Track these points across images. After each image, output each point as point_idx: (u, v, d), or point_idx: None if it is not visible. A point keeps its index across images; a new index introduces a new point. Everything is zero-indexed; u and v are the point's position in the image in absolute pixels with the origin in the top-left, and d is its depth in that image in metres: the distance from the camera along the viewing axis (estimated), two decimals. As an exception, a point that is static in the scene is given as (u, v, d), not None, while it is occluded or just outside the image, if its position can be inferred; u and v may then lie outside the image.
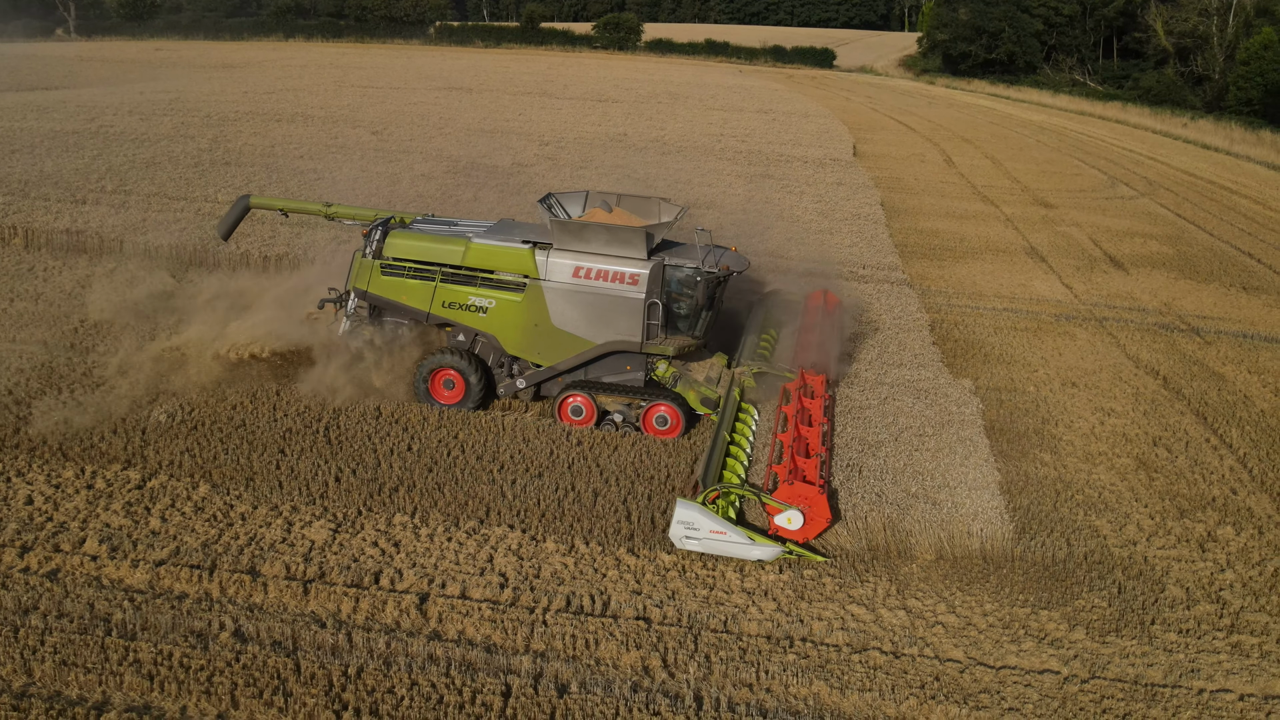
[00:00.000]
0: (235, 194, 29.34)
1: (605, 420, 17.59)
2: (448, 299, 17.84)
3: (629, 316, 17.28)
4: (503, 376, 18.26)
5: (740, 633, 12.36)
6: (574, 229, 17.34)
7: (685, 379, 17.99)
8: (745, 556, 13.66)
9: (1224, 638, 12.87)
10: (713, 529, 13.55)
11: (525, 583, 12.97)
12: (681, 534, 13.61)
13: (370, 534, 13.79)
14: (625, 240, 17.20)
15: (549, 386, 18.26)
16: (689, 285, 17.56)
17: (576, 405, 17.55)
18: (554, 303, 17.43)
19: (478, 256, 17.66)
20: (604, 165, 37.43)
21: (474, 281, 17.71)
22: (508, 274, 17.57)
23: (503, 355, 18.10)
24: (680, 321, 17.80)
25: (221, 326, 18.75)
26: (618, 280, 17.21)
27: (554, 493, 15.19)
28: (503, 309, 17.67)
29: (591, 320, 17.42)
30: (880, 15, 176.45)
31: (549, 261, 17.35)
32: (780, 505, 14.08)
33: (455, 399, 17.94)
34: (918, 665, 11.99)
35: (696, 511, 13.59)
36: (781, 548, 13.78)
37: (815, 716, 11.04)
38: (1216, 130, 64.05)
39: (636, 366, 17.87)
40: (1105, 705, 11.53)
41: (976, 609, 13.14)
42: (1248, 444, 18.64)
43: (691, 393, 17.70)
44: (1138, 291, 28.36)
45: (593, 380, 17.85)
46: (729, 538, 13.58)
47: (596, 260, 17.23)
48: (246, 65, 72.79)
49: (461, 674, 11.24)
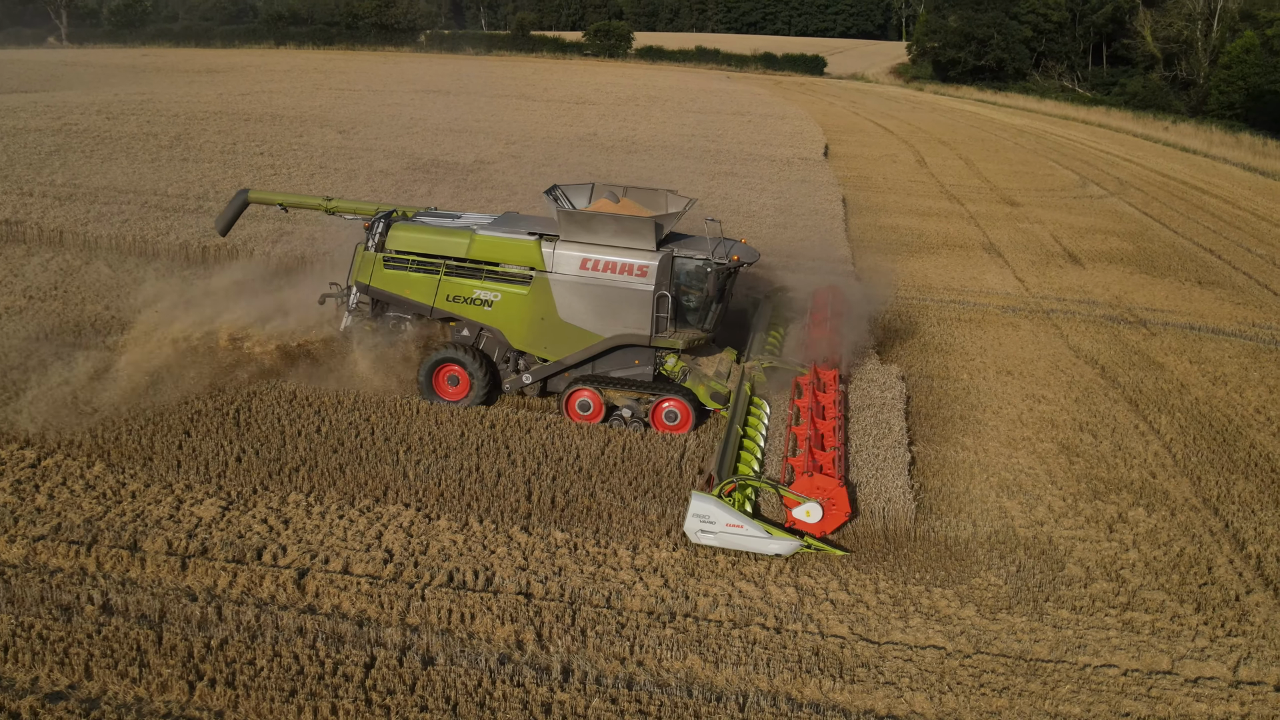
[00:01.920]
0: (186, 189, 29.32)
1: (614, 415, 17.13)
2: (452, 292, 17.41)
3: (637, 309, 16.84)
4: (508, 372, 17.85)
5: (622, 608, 12.22)
6: (581, 220, 16.89)
7: (695, 373, 17.48)
8: (762, 551, 13.28)
9: (1117, 615, 12.71)
10: (729, 522, 13.17)
11: (410, 558, 12.84)
12: (696, 528, 13.25)
13: (261, 512, 13.66)
14: (634, 231, 16.74)
15: (556, 382, 17.84)
16: (699, 277, 17.08)
17: (584, 401, 17.18)
18: (561, 295, 17.01)
19: (483, 249, 17.24)
20: (567, 163, 37.38)
21: (479, 274, 17.31)
22: (513, 266, 17.18)
23: (508, 350, 17.71)
24: (689, 315, 17.33)
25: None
26: (626, 272, 16.78)
27: (457, 473, 15.07)
28: (508, 302, 17.25)
29: (599, 313, 16.98)
30: (878, 25, 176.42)
31: (556, 253, 16.94)
32: (799, 498, 13.68)
33: (459, 395, 17.52)
34: (798, 640, 11.84)
35: (713, 504, 13.22)
36: (799, 541, 13.40)
37: (684, 689, 10.89)
38: (1197, 133, 63.97)
39: (645, 361, 17.43)
40: (984, 680, 11.38)
41: (870, 586, 12.99)
42: (1175, 430, 18.49)
43: (701, 387, 17.24)
44: (1091, 285, 28.22)
45: (600, 375, 17.46)
46: (746, 531, 13.20)
47: (604, 252, 16.78)
48: (230, 70, 72.88)
49: (327, 646, 11.11)
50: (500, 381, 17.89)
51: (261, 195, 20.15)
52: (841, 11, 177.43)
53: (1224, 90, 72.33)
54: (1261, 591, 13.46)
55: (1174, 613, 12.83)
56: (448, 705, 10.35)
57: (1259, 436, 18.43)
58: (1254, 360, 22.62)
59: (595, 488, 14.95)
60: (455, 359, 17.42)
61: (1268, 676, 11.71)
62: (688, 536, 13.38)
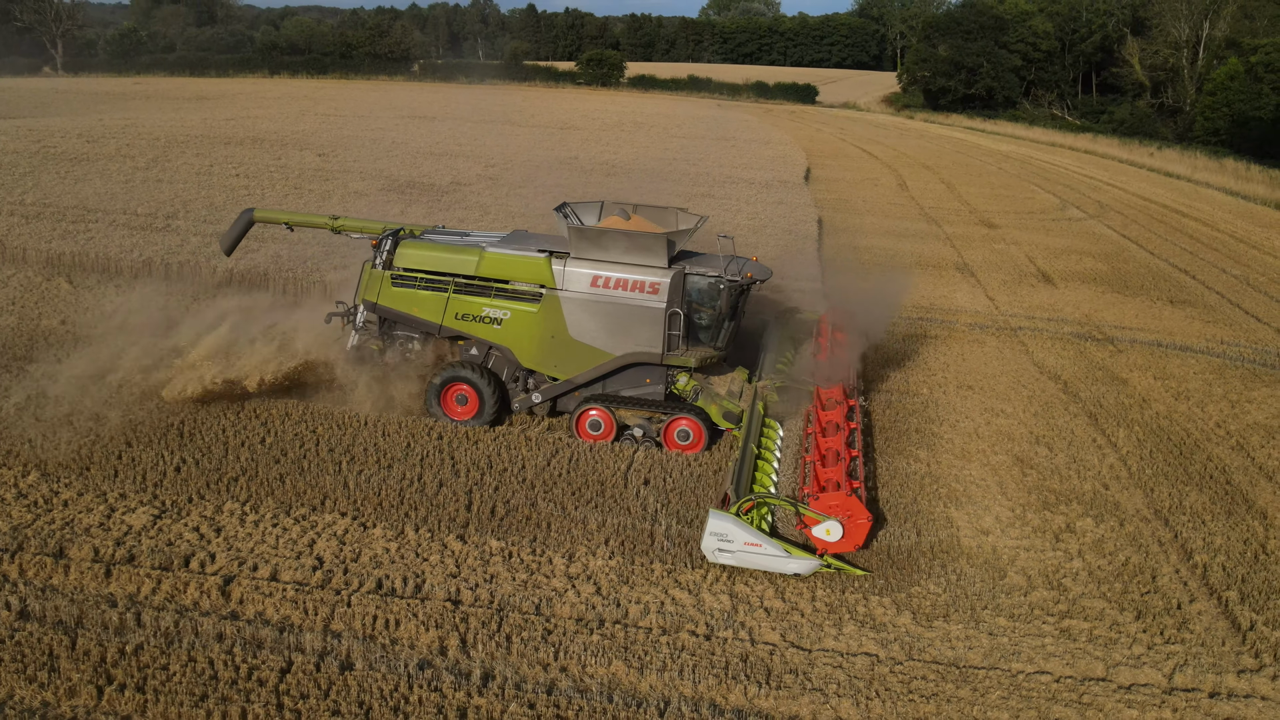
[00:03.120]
0: (157, 208, 29.33)
1: (625, 435, 16.84)
2: (461, 310, 17.17)
3: (649, 327, 16.59)
4: (517, 391, 17.58)
5: (550, 615, 12.07)
6: (593, 236, 16.62)
7: (707, 392, 17.18)
8: (781, 570, 13.01)
9: (1055, 623, 12.56)
10: (747, 541, 12.91)
11: (340, 566, 12.70)
12: (714, 546, 12.98)
13: (194, 520, 13.52)
14: (646, 247, 16.47)
15: (566, 401, 17.56)
16: (711, 294, 16.81)
17: (595, 420, 16.85)
18: (571, 313, 16.78)
19: (492, 266, 17.02)
20: (544, 185, 37.45)
21: (488, 292, 17.08)
22: (523, 284, 16.94)
23: (518, 369, 17.41)
24: (702, 332, 17.07)
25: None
26: (638, 289, 16.53)
27: (399, 483, 14.94)
28: (518, 320, 17.01)
29: (610, 331, 16.74)
30: (873, 56, 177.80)
31: (566, 271, 16.71)
32: (819, 516, 13.42)
33: (469, 414, 17.18)
34: (728, 647, 11.67)
35: (730, 523, 12.96)
36: (819, 561, 13.16)
37: (604, 694, 10.71)
38: (1181, 159, 64.22)
39: (656, 379, 17.15)
40: (913, 686, 11.21)
41: (806, 595, 12.85)
42: (1133, 444, 18.38)
43: (714, 406, 16.91)
44: (1061, 304, 28.20)
45: (611, 394, 17.15)
46: (764, 550, 12.95)
47: (616, 269, 16.54)
48: (220, 97, 73.26)
49: (244, 651, 10.94)
50: (509, 401, 17.58)
51: (267, 214, 19.84)
52: (837, 43, 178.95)
53: (1209, 116, 72.68)
54: (1205, 600, 13.31)
55: (1113, 621, 12.68)
56: (361, 710, 10.18)
57: (1217, 450, 18.32)
58: (1218, 376, 22.55)
59: (537, 498, 14.83)
60: (464, 378, 17.11)
61: (1203, 684, 11.54)
62: (705, 555, 13.10)
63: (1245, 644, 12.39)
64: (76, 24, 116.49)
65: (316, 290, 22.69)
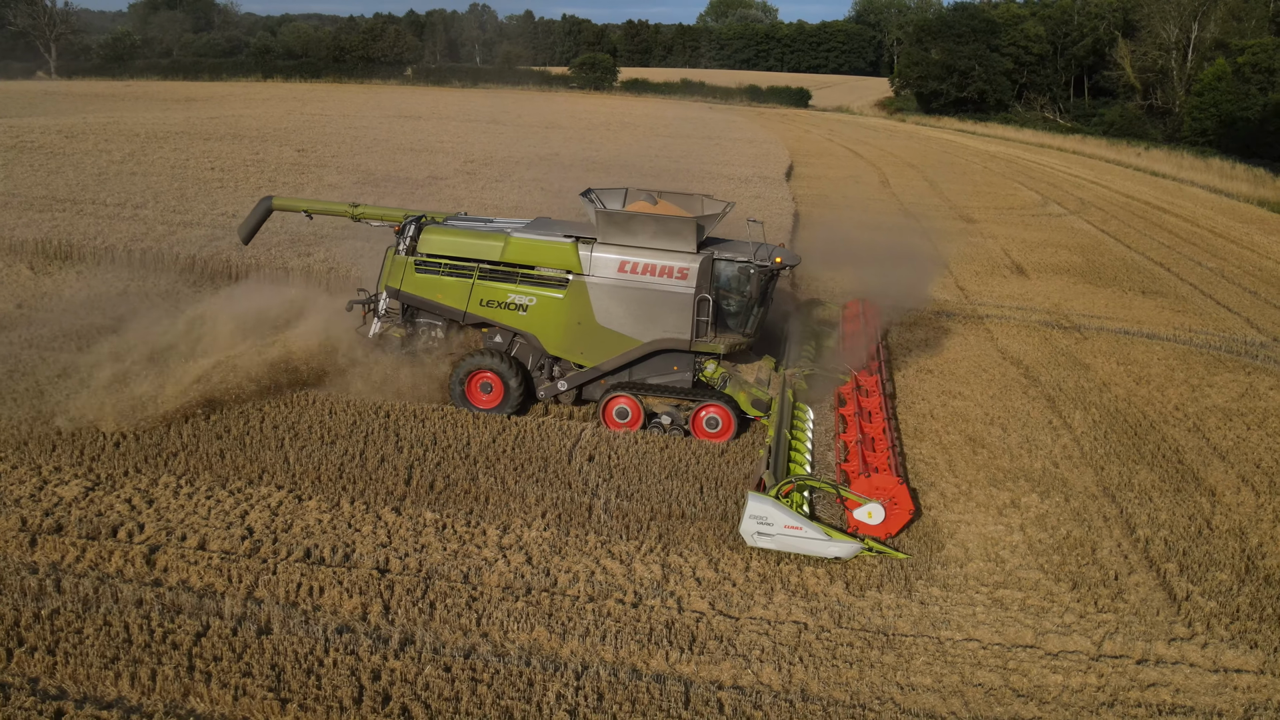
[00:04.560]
0: (126, 198, 29.30)
1: (652, 423, 16.62)
2: (486, 297, 16.96)
3: (677, 313, 16.38)
4: (542, 379, 17.41)
5: (477, 583, 11.99)
6: (620, 220, 16.40)
7: (735, 380, 16.97)
8: (821, 554, 12.83)
9: (988, 593, 12.49)
10: (788, 524, 12.73)
11: (270, 536, 12.62)
12: (754, 529, 12.83)
13: (127, 492, 13.44)
14: (674, 232, 16.23)
15: (591, 389, 17.37)
16: (740, 280, 16.64)
17: (622, 408, 16.67)
18: (598, 299, 16.57)
19: (518, 252, 16.82)
20: (522, 179, 37.46)
21: (514, 278, 16.87)
22: (549, 270, 16.74)
23: (543, 356, 17.21)
24: (730, 319, 16.89)
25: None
26: (666, 274, 16.31)
27: (339, 458, 14.86)
28: (544, 307, 16.80)
29: (638, 317, 16.52)
30: (869, 63, 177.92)
31: (593, 256, 16.49)
32: (860, 499, 13.31)
33: (493, 403, 16.97)
34: (654, 615, 11.59)
35: (771, 506, 12.80)
36: (860, 544, 13.00)
37: (523, 659, 10.62)
38: (1168, 158, 64.24)
39: (684, 366, 16.97)
40: (839, 652, 11.13)
41: (740, 565, 12.77)
42: (1088, 425, 18.32)
43: (742, 394, 16.68)
44: (1032, 294, 28.16)
45: (638, 381, 16.97)
46: (805, 534, 12.77)
47: (643, 254, 16.33)
48: (209, 99, 73.32)
49: (162, 616, 10.85)
50: (534, 389, 17.39)
51: (285, 202, 19.58)
52: (834, 49, 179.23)
53: (1196, 117, 72.72)
54: (1144, 572, 13.24)
55: (1048, 591, 12.62)
56: (273, 671, 10.09)
57: (1173, 431, 18.26)
58: (1182, 362, 22.49)
59: (479, 473, 14.76)
60: (490, 366, 16.94)
61: (1132, 651, 11.47)
62: (744, 539, 12.95)
63: (1180, 614, 12.31)
64: (70, 28, 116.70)
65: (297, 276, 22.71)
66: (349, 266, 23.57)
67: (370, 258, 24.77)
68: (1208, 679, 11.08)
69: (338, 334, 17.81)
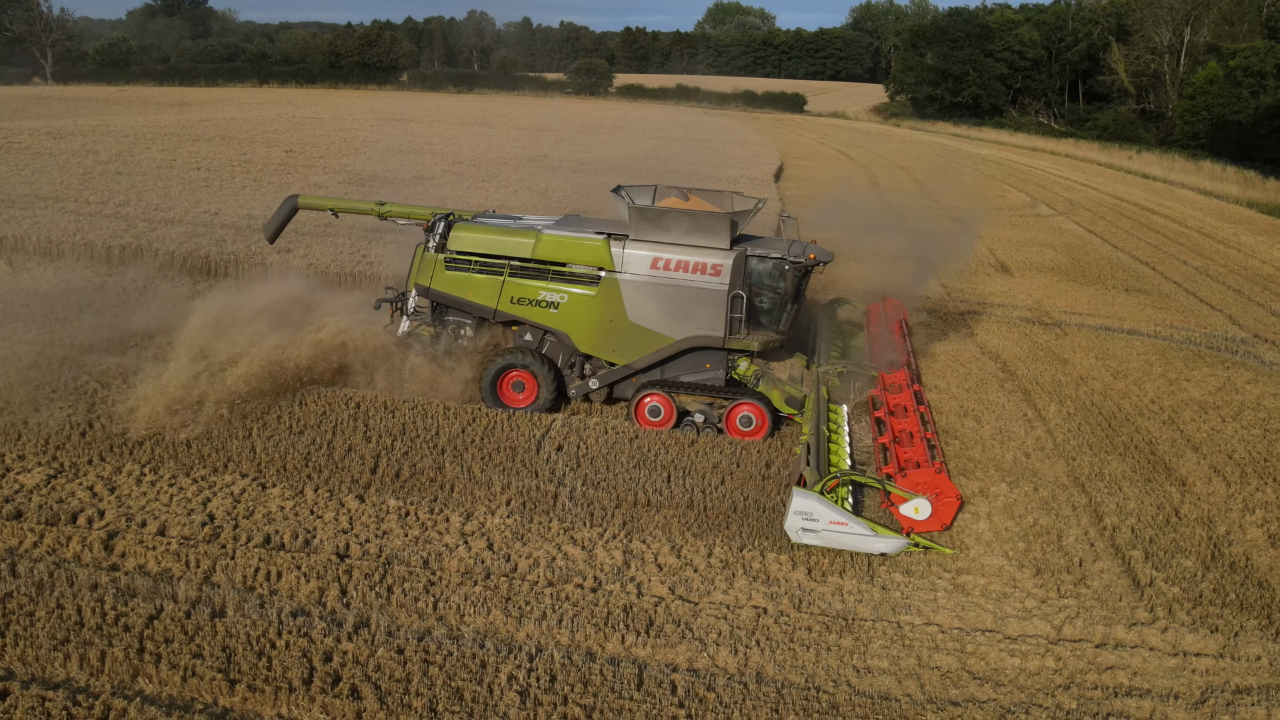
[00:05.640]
0: (109, 197, 29.31)
1: (685, 421, 16.48)
2: (516, 294, 16.81)
3: (711, 310, 16.23)
4: (573, 377, 17.26)
5: (437, 568, 11.95)
6: (653, 216, 16.23)
7: (769, 377, 16.86)
8: (868, 550, 12.69)
9: (950, 579, 12.46)
10: (833, 520, 12.53)
11: (230, 522, 12.58)
12: (799, 525, 12.67)
13: (90, 480, 13.40)
14: (708, 227, 16.08)
15: (623, 387, 17.21)
16: (774, 277, 16.55)
17: (654, 406, 16.52)
18: (630, 296, 16.42)
19: (549, 248, 16.66)
20: (509, 180, 37.47)
21: (545, 275, 16.73)
22: (581, 267, 16.60)
23: (574, 354, 17.06)
24: (764, 316, 16.77)
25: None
26: (699, 271, 16.14)
27: (307, 447, 14.83)
28: (575, 304, 16.67)
29: (670, 314, 16.36)
30: (867, 69, 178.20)
31: (625, 253, 16.34)
32: (906, 494, 13.18)
33: (525, 402, 16.86)
34: (613, 599, 11.55)
35: (815, 501, 12.64)
36: (906, 540, 12.88)
37: (477, 642, 10.59)
38: (1159, 161, 64.31)
39: (717, 364, 16.80)
40: (796, 636, 11.10)
41: (703, 551, 12.73)
42: (1062, 417, 18.30)
43: (776, 392, 16.57)
44: (1015, 291, 28.16)
45: (670, 379, 16.82)
46: (850, 529, 12.62)
47: (676, 250, 16.16)
48: (203, 103, 73.41)
49: (116, 600, 10.81)
50: (565, 387, 17.27)
51: (311, 200, 19.34)
52: (831, 56, 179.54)
53: (1189, 120, 72.82)
54: (1109, 560, 13.21)
55: (1010, 577, 12.58)
56: (224, 653, 10.05)
57: (1147, 424, 18.23)
58: (1161, 357, 22.47)
59: (445, 462, 14.72)
60: (523, 364, 16.81)
61: (1091, 635, 11.43)
62: (788, 535, 12.83)
63: (1142, 599, 12.27)
64: (66, 34, 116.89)
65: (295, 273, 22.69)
66: (328, 263, 23.56)
67: (350, 254, 24.83)
68: (1166, 662, 11.04)
69: (366, 332, 17.87)
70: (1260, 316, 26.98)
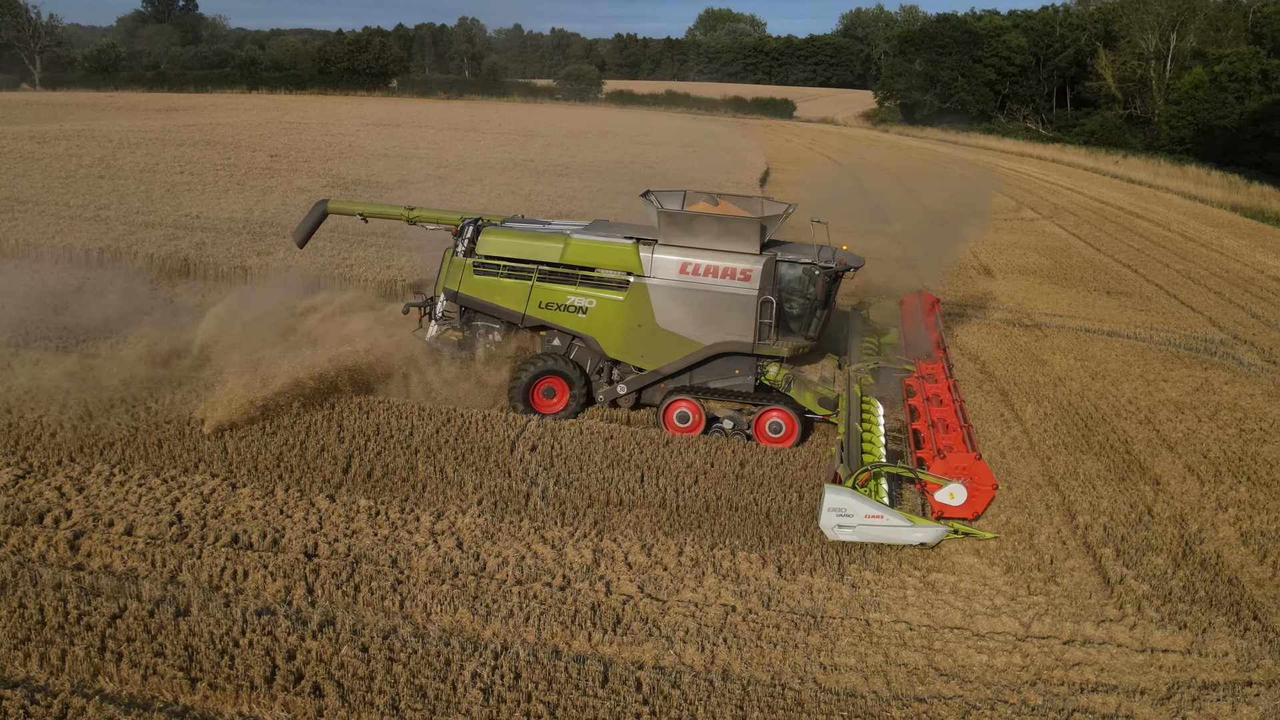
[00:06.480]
0: (90, 200, 29.24)
1: (714, 427, 16.41)
2: (545, 299, 16.75)
3: (740, 315, 16.15)
4: (601, 382, 17.14)
5: (405, 567, 11.91)
6: (683, 221, 16.22)
7: (799, 380, 16.74)
8: (906, 541, 12.57)
9: (921, 577, 12.44)
10: (868, 514, 12.46)
11: (199, 522, 12.52)
12: (833, 522, 12.56)
13: (58, 480, 13.33)
14: (737, 232, 16.02)
15: (651, 393, 17.14)
16: (804, 282, 16.48)
17: (683, 412, 16.45)
18: (659, 301, 16.35)
19: (578, 253, 16.61)
20: (493, 184, 37.44)
21: (573, 280, 16.67)
22: (610, 271, 16.53)
23: (602, 359, 16.99)
24: (793, 321, 16.68)
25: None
26: (728, 276, 16.07)
27: (279, 447, 14.77)
28: (604, 309, 16.59)
29: (699, 319, 16.29)
30: (857, 76, 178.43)
31: (654, 257, 16.27)
32: (940, 480, 13.06)
33: (557, 408, 16.81)
34: (581, 598, 11.52)
35: (849, 496, 12.51)
36: (945, 528, 12.78)
37: (443, 640, 10.55)
38: (1145, 166, 64.54)
39: (746, 370, 16.69)
40: (764, 634, 11.08)
41: (673, 550, 12.70)
42: (1039, 417, 18.32)
43: (808, 394, 16.44)
44: (997, 293, 28.20)
45: (699, 386, 16.74)
46: (886, 521, 12.52)
47: (705, 255, 16.11)
48: (190, 109, 73.29)
49: (79, 599, 10.74)
50: (594, 392, 17.18)
51: (341, 205, 19.30)
52: (822, 63, 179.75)
53: (1174, 125, 73.12)
54: (1080, 557, 13.22)
55: (981, 575, 12.58)
56: (186, 652, 10.00)
57: (1124, 423, 18.25)
58: (1139, 358, 22.52)
59: (418, 462, 14.68)
60: (557, 370, 16.78)
61: (1060, 632, 11.44)
62: (824, 532, 12.77)
63: (1111, 596, 12.28)
64: (55, 41, 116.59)
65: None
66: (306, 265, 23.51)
67: (330, 255, 24.79)
68: (1134, 658, 11.04)
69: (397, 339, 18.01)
70: (1240, 318, 27.07)
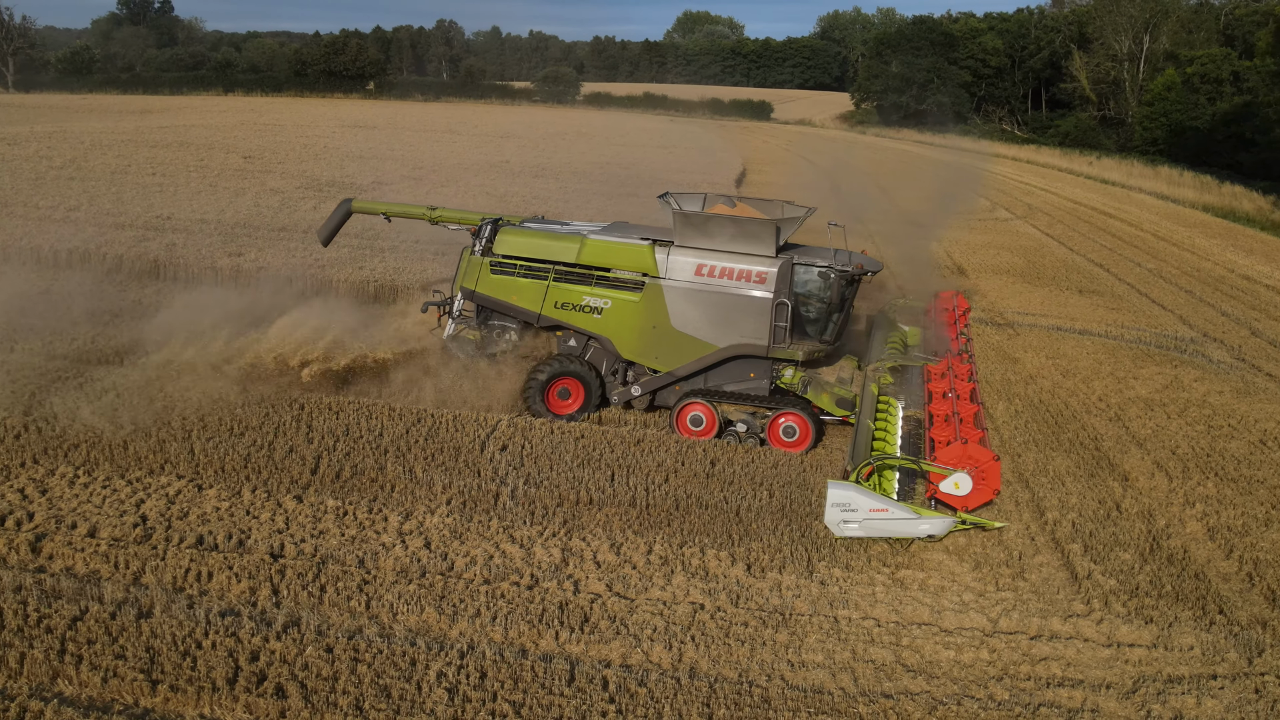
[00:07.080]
0: (60, 201, 28.98)
1: (728, 431, 16.36)
2: (560, 299, 16.72)
3: (755, 317, 16.04)
4: (615, 384, 17.08)
5: (372, 567, 11.83)
6: (698, 222, 16.19)
7: (816, 383, 16.64)
8: (913, 534, 12.34)
9: (890, 574, 12.45)
10: (872, 508, 12.31)
11: (163, 523, 12.40)
12: (838, 519, 12.39)
13: (20, 482, 13.18)
14: (753, 234, 15.94)
15: (665, 395, 17.09)
16: (820, 285, 16.43)
17: (696, 415, 16.41)
18: (674, 303, 16.29)
19: (594, 253, 16.58)
20: (468, 185, 37.34)
21: (589, 280, 16.63)
22: (625, 272, 16.49)
23: (616, 360, 16.95)
24: (809, 325, 16.60)
25: None
26: (744, 278, 15.99)
27: (247, 448, 14.65)
28: (619, 310, 16.54)
29: (714, 322, 16.21)
30: (834, 78, 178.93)
31: (670, 259, 16.23)
32: (944, 470, 12.84)
33: (571, 409, 16.80)
34: (548, 597, 11.47)
35: (852, 491, 12.33)
36: (953, 518, 12.60)
37: (408, 639, 10.48)
38: (1118, 167, 65.05)
39: (761, 373, 16.58)
40: (732, 631, 11.05)
41: (643, 548, 12.67)
42: (1010, 415, 18.40)
43: (825, 395, 16.33)
44: (969, 292, 28.22)
45: (713, 388, 16.65)
46: (891, 514, 12.34)
47: (721, 257, 16.05)
48: (165, 111, 72.80)
49: (39, 601, 10.61)
50: (608, 393, 17.14)
51: (365, 205, 19.36)
52: (799, 65, 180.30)
53: (1147, 126, 73.73)
54: (1048, 553, 13.26)
55: (949, 571, 12.60)
56: (147, 654, 9.89)
57: (1094, 420, 18.35)
58: (1110, 356, 22.66)
59: (387, 462, 14.59)
60: (573, 371, 16.76)
61: (1027, 627, 11.46)
62: (830, 530, 12.66)
63: (1079, 592, 12.33)
64: (28, 43, 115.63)
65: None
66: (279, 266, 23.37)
67: (303, 256, 24.65)
68: (1100, 653, 11.08)
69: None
70: (1210, 316, 27.29)
